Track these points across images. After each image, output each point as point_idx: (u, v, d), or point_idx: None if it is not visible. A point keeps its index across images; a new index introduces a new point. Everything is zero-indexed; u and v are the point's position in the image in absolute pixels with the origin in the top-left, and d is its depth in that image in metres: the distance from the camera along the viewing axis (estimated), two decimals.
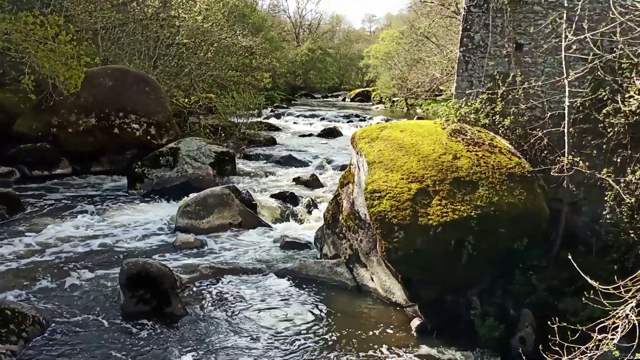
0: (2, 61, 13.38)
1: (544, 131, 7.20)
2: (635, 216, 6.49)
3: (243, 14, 28.14)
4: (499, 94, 7.36)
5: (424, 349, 5.93)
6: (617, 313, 3.96)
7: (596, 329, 3.90)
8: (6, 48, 11.21)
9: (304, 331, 6.20)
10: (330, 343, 5.98)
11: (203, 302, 6.78)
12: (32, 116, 12.99)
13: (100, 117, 13.25)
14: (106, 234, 9.06)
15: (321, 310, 6.75)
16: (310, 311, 6.69)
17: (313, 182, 12.84)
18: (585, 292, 4.23)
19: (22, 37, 10.79)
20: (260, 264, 8.04)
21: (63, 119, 12.97)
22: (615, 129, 6.83)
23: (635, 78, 6.51)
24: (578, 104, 6.98)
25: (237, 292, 7.07)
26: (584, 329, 3.95)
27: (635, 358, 3.78)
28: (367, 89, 47.22)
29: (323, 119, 27.35)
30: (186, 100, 18.21)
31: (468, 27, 7.62)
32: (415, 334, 6.23)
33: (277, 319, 6.42)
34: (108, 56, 16.98)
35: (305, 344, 5.93)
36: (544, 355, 4.18)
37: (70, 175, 12.84)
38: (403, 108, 35.20)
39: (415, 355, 5.81)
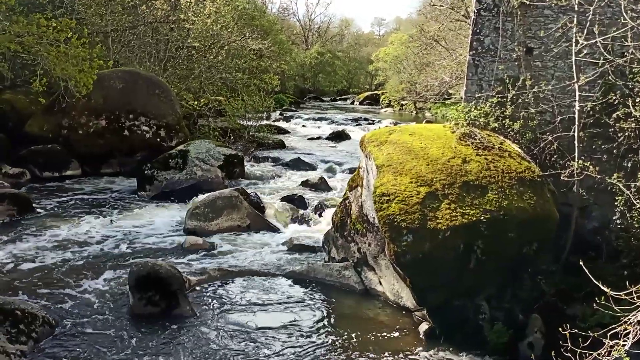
0: (14, 63, 13.50)
1: (554, 135, 7.17)
2: None
3: (252, 17, 28.24)
4: (509, 97, 7.34)
5: (432, 354, 5.91)
6: (629, 319, 3.93)
7: (608, 335, 3.87)
8: (18, 50, 11.29)
9: (311, 334, 6.20)
10: (337, 346, 5.98)
11: (211, 304, 6.80)
12: (43, 118, 13.11)
13: (111, 119, 13.35)
14: (115, 235, 9.11)
15: (328, 314, 6.75)
16: (317, 314, 6.68)
17: (321, 185, 12.83)
18: (595, 298, 4.20)
19: (35, 40, 10.88)
20: (268, 266, 8.05)
21: (74, 121, 13.08)
22: (626, 134, 6.80)
23: None
24: (588, 109, 6.95)
25: (245, 294, 7.09)
26: (595, 335, 3.93)
27: None
28: (375, 92, 47.24)
29: (332, 122, 27.36)
30: (196, 102, 18.30)
31: (478, 30, 7.61)
32: (423, 338, 6.20)
33: (284, 322, 6.42)
34: (118, 59, 17.09)
35: (313, 346, 5.92)
36: None
37: (80, 176, 12.94)
38: (412, 111, 35.18)
39: None
